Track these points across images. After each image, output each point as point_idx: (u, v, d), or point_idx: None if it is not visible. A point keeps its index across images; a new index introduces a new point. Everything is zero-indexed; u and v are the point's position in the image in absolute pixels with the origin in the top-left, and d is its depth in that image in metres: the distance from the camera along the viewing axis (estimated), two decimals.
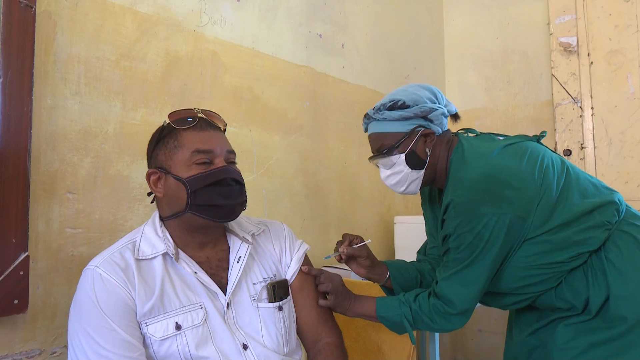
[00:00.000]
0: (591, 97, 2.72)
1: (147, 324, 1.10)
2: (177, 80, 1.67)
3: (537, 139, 1.44)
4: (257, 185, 1.94)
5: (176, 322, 1.11)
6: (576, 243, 1.29)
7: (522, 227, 1.28)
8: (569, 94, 2.77)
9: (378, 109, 1.43)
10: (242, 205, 1.22)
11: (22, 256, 1.23)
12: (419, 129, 1.40)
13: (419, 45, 3.06)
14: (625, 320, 1.24)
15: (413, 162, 1.41)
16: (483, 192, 1.29)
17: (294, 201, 2.10)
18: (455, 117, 1.50)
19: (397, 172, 1.44)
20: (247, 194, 1.25)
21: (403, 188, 1.46)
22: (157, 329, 1.10)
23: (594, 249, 1.29)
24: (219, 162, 1.18)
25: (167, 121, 1.21)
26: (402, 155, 1.41)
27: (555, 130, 2.80)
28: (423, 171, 1.43)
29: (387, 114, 1.41)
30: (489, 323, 3.07)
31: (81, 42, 1.42)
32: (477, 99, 3.14)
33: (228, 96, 1.85)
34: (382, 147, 1.44)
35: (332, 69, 2.35)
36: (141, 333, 1.10)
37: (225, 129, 1.29)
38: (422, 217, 1.69)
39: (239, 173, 1.22)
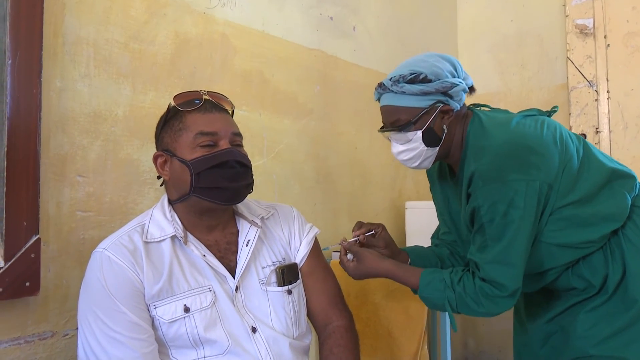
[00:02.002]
0: (607, 81, 2.67)
1: (156, 306, 1.10)
2: (187, 63, 1.66)
3: (549, 113, 1.42)
4: (268, 170, 1.93)
5: (184, 305, 1.11)
6: (605, 219, 1.27)
7: (551, 195, 1.25)
8: (585, 77, 2.72)
9: (397, 81, 1.34)
10: (247, 187, 1.21)
11: (34, 239, 1.24)
12: (438, 104, 1.34)
13: (432, 28, 3.02)
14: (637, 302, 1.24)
15: (430, 139, 1.35)
16: (509, 158, 1.24)
17: (304, 186, 2.09)
18: (471, 89, 1.43)
19: (411, 148, 1.38)
20: (255, 177, 1.24)
21: (416, 164, 1.41)
22: (165, 311, 1.10)
23: (619, 225, 1.28)
24: (224, 144, 1.17)
25: (173, 103, 1.20)
26: (419, 132, 1.35)
27: (570, 114, 2.75)
28: (438, 148, 1.38)
29: (407, 87, 1.33)
30: None
31: (90, 24, 1.41)
32: (490, 83, 3.10)
33: (238, 79, 1.83)
34: (397, 122, 1.37)
35: (343, 52, 2.33)
36: (150, 315, 1.10)
37: (233, 112, 1.27)
38: (433, 202, 1.67)
39: (244, 155, 1.20)
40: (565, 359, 1.35)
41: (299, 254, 1.33)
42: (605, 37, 2.68)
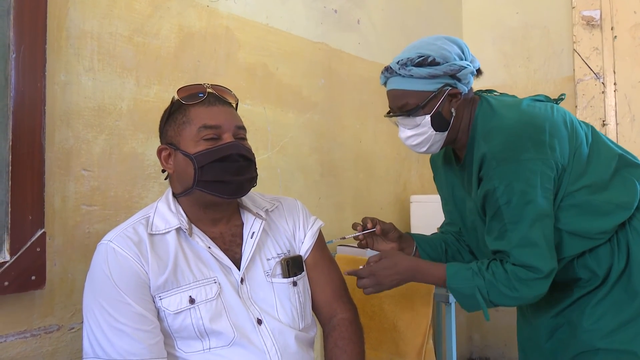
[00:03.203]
0: (614, 73, 2.65)
1: (161, 297, 1.10)
2: (191, 57, 1.65)
3: (556, 101, 1.41)
4: (272, 163, 1.93)
5: (190, 296, 1.11)
6: (619, 207, 1.26)
7: (564, 177, 1.24)
8: (591, 70, 2.69)
9: (404, 64, 1.31)
10: (250, 181, 1.20)
11: (39, 233, 1.24)
12: (447, 88, 1.31)
13: (437, 20, 3.00)
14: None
15: (438, 123, 1.33)
16: (522, 138, 1.22)
17: (309, 180, 2.09)
18: (478, 72, 1.41)
19: (420, 133, 1.35)
20: (259, 171, 1.24)
21: (424, 149, 1.39)
22: (171, 303, 1.10)
23: (631, 213, 1.27)
24: (227, 137, 1.17)
25: (176, 97, 1.20)
26: (428, 117, 1.32)
27: (576, 106, 2.73)
28: (447, 133, 1.35)
29: (415, 70, 1.30)
30: None
31: (94, 18, 1.41)
32: (495, 75, 3.08)
33: (242, 73, 1.82)
34: (405, 106, 1.34)
35: (347, 46, 2.32)
36: (155, 307, 1.10)
37: (237, 105, 1.27)
38: (438, 196, 1.66)
39: (248, 149, 1.20)
40: (571, 352, 1.34)
41: (304, 247, 1.33)
42: (612, 29, 2.65)
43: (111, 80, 1.44)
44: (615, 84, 2.65)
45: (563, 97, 1.42)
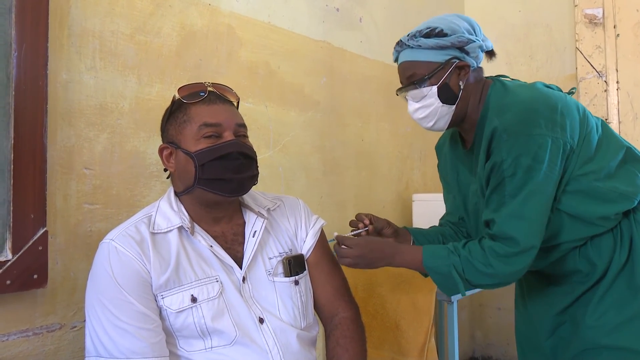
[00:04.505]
0: (617, 71, 2.64)
1: (163, 296, 1.10)
2: (193, 55, 1.65)
3: (567, 93, 1.42)
4: (274, 162, 1.92)
5: (192, 295, 1.11)
6: (622, 196, 1.26)
7: (572, 159, 1.25)
8: (594, 68, 2.69)
9: (413, 36, 1.35)
10: (251, 179, 1.20)
11: (41, 231, 1.24)
12: (455, 60, 1.33)
13: None
14: None
15: (445, 95, 1.33)
16: (535, 114, 1.23)
17: (310, 178, 2.09)
18: (490, 54, 1.42)
19: (426, 105, 1.36)
20: (261, 169, 1.24)
21: (431, 123, 1.38)
22: (172, 302, 1.10)
23: (633, 205, 1.27)
24: (228, 135, 1.17)
25: (177, 96, 1.20)
26: (434, 88, 1.33)
27: None
28: (454, 107, 1.35)
29: (423, 41, 1.32)
30: (508, 301, 3.03)
31: (95, 16, 1.40)
32: (498, 73, 3.06)
33: (244, 71, 1.82)
34: (413, 77, 1.35)
35: (349, 44, 2.31)
36: (157, 305, 1.10)
37: (238, 103, 1.26)
38: (441, 194, 1.65)
39: (248, 147, 1.20)
40: (573, 350, 1.33)
41: (305, 246, 1.33)
42: (614, 27, 2.64)
43: (113, 79, 1.44)
44: (617, 82, 2.64)
45: (574, 90, 1.44)
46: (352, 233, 1.47)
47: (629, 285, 1.26)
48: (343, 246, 1.34)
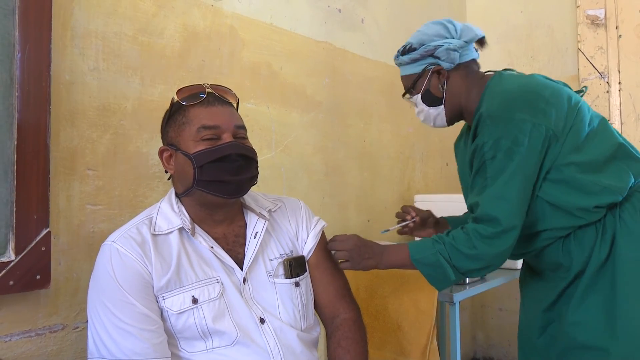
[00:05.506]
0: (619, 72, 2.64)
1: (164, 297, 1.10)
2: (195, 56, 1.65)
3: (577, 92, 1.44)
4: (276, 163, 1.92)
5: (192, 296, 1.11)
6: (605, 189, 1.26)
7: (554, 146, 1.27)
8: (596, 69, 2.69)
9: (396, 56, 1.52)
10: (250, 180, 1.20)
11: (44, 232, 1.24)
12: (430, 67, 1.45)
13: (441, 19, 2.99)
14: (627, 285, 1.23)
15: (429, 100, 1.47)
16: (519, 100, 1.29)
17: (313, 179, 2.09)
18: (481, 42, 1.51)
19: (420, 110, 1.52)
20: (263, 170, 1.24)
21: (431, 124, 1.53)
22: (174, 303, 1.10)
23: (617, 199, 1.27)
24: (227, 137, 1.16)
25: (176, 98, 1.20)
26: (419, 96, 1.48)
27: None
28: (442, 107, 1.47)
29: (401, 58, 1.49)
30: (510, 302, 3.04)
31: (98, 17, 1.41)
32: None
33: (246, 72, 1.82)
34: (405, 89, 1.52)
35: (351, 45, 2.31)
36: (158, 307, 1.10)
37: (237, 104, 1.26)
38: (442, 195, 1.68)
39: (247, 148, 1.20)
40: (559, 347, 1.35)
41: (306, 247, 1.33)
42: (617, 28, 2.64)
43: (116, 80, 1.44)
44: (619, 83, 2.64)
45: (584, 89, 1.47)
46: (400, 225, 1.59)
47: (611, 284, 1.26)
48: (335, 241, 1.37)
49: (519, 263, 2.17)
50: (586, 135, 1.30)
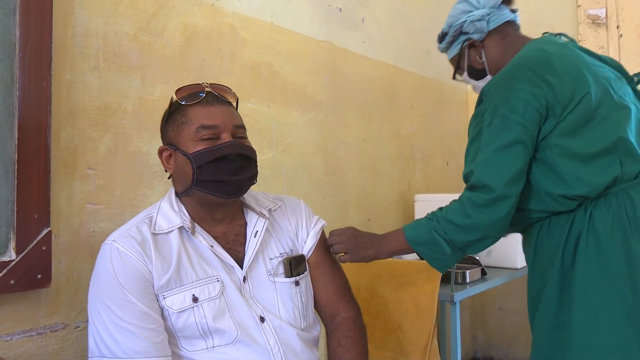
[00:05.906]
0: None
1: (165, 296, 1.10)
2: (196, 56, 1.65)
3: (635, 75, 1.44)
4: (277, 162, 1.93)
5: (193, 295, 1.12)
6: (578, 181, 1.21)
7: (550, 122, 1.24)
8: None
9: (438, 45, 1.61)
10: (249, 180, 1.20)
11: (45, 231, 1.24)
12: (464, 44, 1.51)
13: (441, 19, 2.98)
14: (588, 295, 1.20)
15: (475, 74, 1.53)
16: (521, 69, 1.28)
17: (313, 178, 2.09)
18: (507, 2, 1.51)
19: (473, 87, 1.58)
20: (264, 169, 1.24)
21: None
22: (174, 302, 1.10)
23: (589, 195, 1.23)
24: (226, 137, 1.16)
25: (175, 98, 1.20)
26: (465, 73, 1.55)
27: None
28: (489, 77, 1.49)
29: (440, 46, 1.60)
30: (510, 302, 3.05)
31: (99, 16, 1.41)
32: None
33: (247, 72, 1.82)
34: (454, 71, 1.59)
35: (352, 44, 2.31)
36: (159, 305, 1.10)
37: (237, 103, 1.26)
38: (442, 195, 1.68)
39: (247, 148, 1.19)
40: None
41: (306, 246, 1.33)
42: (617, 27, 2.64)
43: (116, 79, 1.44)
44: None
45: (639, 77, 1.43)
46: None
47: (568, 294, 1.23)
48: (331, 235, 1.37)
49: (519, 263, 2.17)
50: (591, 121, 1.24)
